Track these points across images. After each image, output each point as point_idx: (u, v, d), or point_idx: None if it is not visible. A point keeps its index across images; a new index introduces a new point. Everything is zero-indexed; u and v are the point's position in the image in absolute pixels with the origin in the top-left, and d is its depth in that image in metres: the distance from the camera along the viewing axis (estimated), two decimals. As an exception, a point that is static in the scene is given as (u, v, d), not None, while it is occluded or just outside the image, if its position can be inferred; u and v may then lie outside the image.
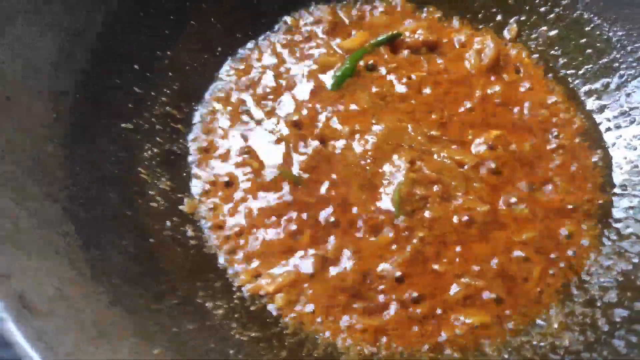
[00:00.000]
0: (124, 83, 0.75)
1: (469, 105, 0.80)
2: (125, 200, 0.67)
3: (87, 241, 0.59)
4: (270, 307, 0.66)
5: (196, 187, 0.75)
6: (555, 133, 0.79)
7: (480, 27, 0.87)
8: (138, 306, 0.57)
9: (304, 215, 0.71)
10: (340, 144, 0.77)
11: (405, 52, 0.85)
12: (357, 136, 0.77)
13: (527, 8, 0.86)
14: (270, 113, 0.80)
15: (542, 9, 0.85)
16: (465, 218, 0.71)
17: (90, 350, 0.47)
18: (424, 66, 0.84)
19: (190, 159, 0.77)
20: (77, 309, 0.50)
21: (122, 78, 0.75)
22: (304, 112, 0.79)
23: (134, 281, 0.59)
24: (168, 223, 0.69)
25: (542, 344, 0.62)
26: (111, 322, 0.52)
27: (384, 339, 0.65)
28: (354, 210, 0.72)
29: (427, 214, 0.71)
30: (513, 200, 0.73)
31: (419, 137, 0.77)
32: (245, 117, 0.80)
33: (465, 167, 0.75)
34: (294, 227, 0.71)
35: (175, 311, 0.59)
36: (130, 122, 0.74)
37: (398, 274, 0.68)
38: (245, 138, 0.78)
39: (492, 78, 0.83)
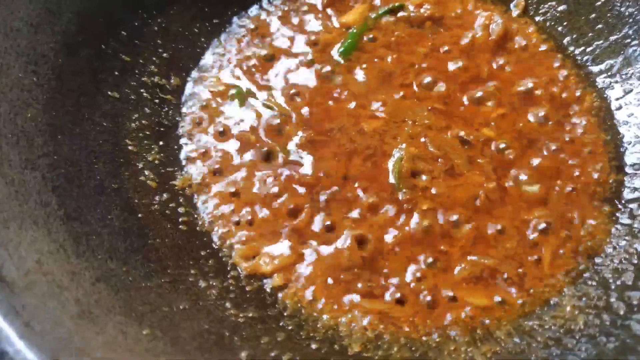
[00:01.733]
0: (109, 49, 0.70)
1: (474, 81, 0.76)
2: (111, 172, 0.62)
3: (69, 214, 0.54)
4: (267, 286, 0.62)
5: (187, 160, 0.70)
6: (564, 111, 0.75)
7: (488, 1, 0.84)
8: (125, 284, 0.52)
9: (303, 192, 0.67)
10: (341, 119, 0.73)
11: (408, 25, 0.81)
12: (359, 112, 0.73)
13: (534, -18, 0.82)
14: (266, 87, 0.76)
15: (551, -17, 0.81)
16: (472, 195, 0.67)
17: (72, 329, 0.42)
18: (429, 40, 0.80)
19: (180, 131, 0.72)
20: (59, 285, 0.46)
21: (108, 44, 0.70)
22: (303, 86, 0.75)
23: (121, 258, 0.55)
24: (157, 198, 0.64)
25: (554, 327, 0.59)
26: (96, 300, 0.47)
27: (387, 322, 0.61)
28: (356, 185, 0.68)
29: (430, 189, 0.67)
30: (521, 178, 0.69)
31: (424, 113, 0.73)
32: (240, 90, 0.75)
33: (470, 143, 0.71)
34: (291, 204, 0.67)
35: (166, 290, 0.55)
36: (117, 91, 0.69)
37: (400, 251, 0.64)
38: (240, 111, 0.74)
39: (499, 54, 0.80)
